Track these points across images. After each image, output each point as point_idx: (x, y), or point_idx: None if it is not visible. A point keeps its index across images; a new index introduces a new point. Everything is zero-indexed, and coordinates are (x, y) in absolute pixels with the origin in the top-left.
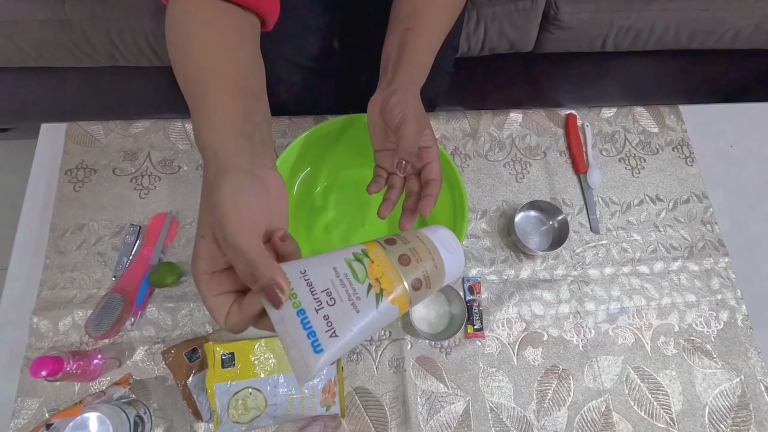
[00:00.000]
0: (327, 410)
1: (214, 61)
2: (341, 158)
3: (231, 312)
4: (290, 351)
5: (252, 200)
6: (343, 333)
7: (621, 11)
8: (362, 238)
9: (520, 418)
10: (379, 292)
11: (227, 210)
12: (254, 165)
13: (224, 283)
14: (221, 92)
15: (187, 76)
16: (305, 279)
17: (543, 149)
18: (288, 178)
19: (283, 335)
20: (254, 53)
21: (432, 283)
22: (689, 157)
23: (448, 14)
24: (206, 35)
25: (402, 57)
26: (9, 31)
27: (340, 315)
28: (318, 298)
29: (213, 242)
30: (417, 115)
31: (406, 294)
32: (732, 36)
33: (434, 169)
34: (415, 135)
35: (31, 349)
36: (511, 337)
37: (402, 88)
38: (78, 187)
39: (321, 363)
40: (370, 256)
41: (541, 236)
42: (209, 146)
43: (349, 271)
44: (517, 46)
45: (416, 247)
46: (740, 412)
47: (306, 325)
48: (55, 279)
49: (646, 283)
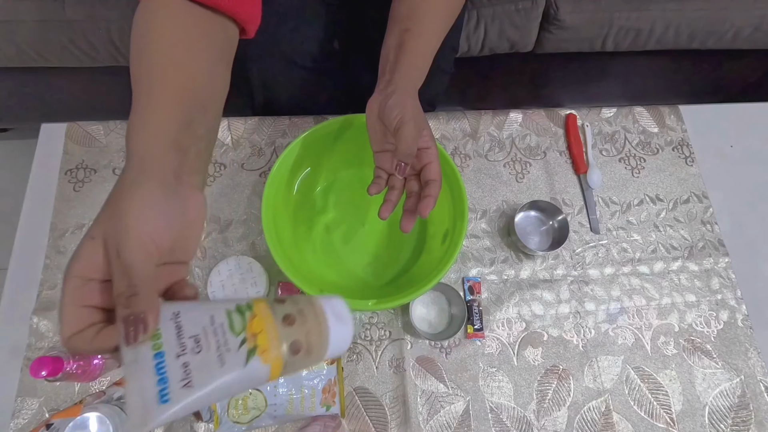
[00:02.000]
0: (327, 410)
1: (166, 63)
2: (341, 158)
3: (84, 334)
4: (130, 396)
5: (161, 219)
6: (200, 385)
7: (621, 11)
8: (362, 238)
9: (520, 418)
10: (252, 348)
11: (130, 223)
12: (178, 180)
13: (95, 296)
14: (164, 97)
15: (137, 74)
16: (176, 321)
17: (543, 149)
18: (288, 178)
19: (129, 377)
20: (217, 62)
21: (314, 350)
22: (689, 157)
23: (446, 15)
24: (166, 35)
25: (400, 58)
26: (9, 31)
27: (202, 365)
28: (183, 343)
29: (101, 248)
30: (415, 117)
31: (282, 356)
32: (732, 36)
33: (433, 169)
34: (413, 137)
35: (31, 349)
36: (511, 337)
37: (400, 90)
38: (78, 187)
39: (164, 416)
40: (253, 309)
41: (541, 236)
42: (136, 150)
43: (226, 321)
44: (517, 46)
45: (305, 310)
46: (740, 412)
47: (160, 370)
48: (55, 279)
49: (646, 283)
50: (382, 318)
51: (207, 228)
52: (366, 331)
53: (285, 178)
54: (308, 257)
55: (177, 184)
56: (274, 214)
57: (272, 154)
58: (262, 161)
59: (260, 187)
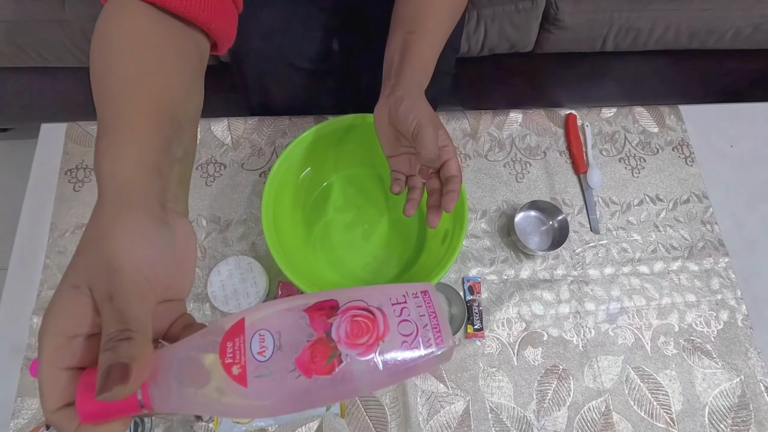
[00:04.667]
0: (327, 410)
1: (135, 78)
2: (341, 158)
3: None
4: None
5: (156, 256)
6: None
7: (621, 11)
8: (362, 238)
9: (520, 418)
10: None
11: (122, 264)
12: (164, 209)
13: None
14: (138, 118)
15: (101, 91)
16: None
17: (543, 149)
18: (288, 178)
19: None
20: (192, 78)
21: None
22: (689, 157)
23: (449, 16)
24: (135, 47)
25: (405, 61)
26: (9, 31)
27: None
28: None
29: (87, 297)
30: (432, 119)
31: None
32: (732, 36)
33: (453, 165)
34: (434, 141)
35: (31, 349)
36: (511, 337)
37: (409, 94)
38: (78, 187)
39: None
40: None
41: (541, 236)
42: (112, 177)
43: None
44: (517, 46)
45: None
46: (740, 412)
47: None
48: (55, 279)
49: (646, 283)
50: None
51: (207, 228)
52: None
53: (285, 178)
54: (308, 257)
55: (164, 213)
56: (274, 214)
57: (272, 154)
58: (262, 161)
59: (260, 187)
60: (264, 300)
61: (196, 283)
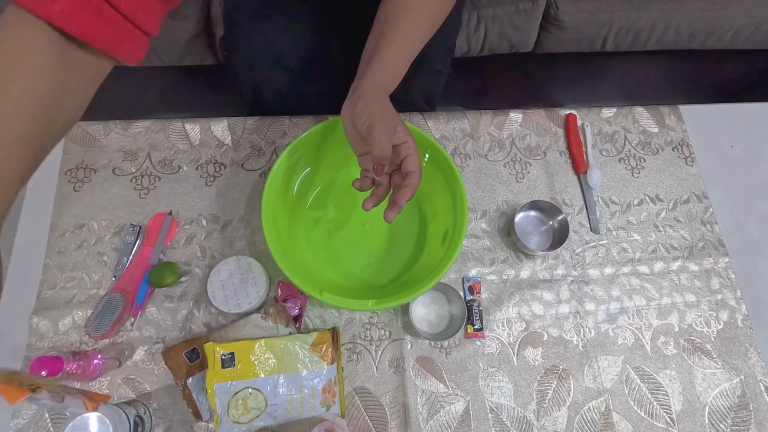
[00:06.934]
0: (327, 410)
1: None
2: (341, 158)
3: None
4: None
5: None
6: None
7: (621, 11)
8: (362, 238)
9: (520, 418)
10: None
11: None
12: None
13: None
14: None
15: None
16: None
17: (543, 149)
18: (288, 178)
19: None
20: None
21: None
22: (689, 157)
23: (427, 20)
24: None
25: (371, 62)
26: None
27: None
28: None
29: None
30: (384, 119)
31: None
32: (732, 36)
33: (412, 161)
34: (384, 139)
35: (31, 349)
36: (511, 337)
37: (366, 94)
38: (78, 187)
39: None
40: None
41: (541, 236)
42: None
43: None
44: (517, 47)
45: None
46: (740, 412)
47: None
48: (55, 279)
49: (646, 283)
50: (382, 318)
51: (207, 228)
52: (366, 331)
53: (285, 178)
54: (308, 257)
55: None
56: (274, 215)
57: (272, 154)
58: (262, 161)
59: (260, 187)
60: (264, 300)
61: (196, 283)
